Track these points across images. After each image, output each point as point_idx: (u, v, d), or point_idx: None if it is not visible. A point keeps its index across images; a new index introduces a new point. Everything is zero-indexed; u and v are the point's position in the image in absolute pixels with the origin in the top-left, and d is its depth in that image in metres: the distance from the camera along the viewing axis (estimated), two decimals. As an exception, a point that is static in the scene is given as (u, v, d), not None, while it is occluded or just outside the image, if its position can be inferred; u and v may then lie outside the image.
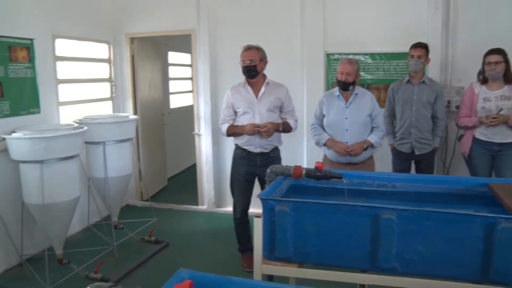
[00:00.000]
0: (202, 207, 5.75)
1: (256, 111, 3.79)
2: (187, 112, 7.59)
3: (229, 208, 5.45)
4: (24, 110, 4.31)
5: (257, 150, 3.83)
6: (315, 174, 2.44)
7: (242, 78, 3.94)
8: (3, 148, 3.79)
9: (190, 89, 8.63)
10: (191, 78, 8.58)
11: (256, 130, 3.68)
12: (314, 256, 2.09)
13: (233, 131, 3.87)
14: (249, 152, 3.86)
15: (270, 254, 2.11)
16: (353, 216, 2.00)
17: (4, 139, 3.80)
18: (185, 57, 8.31)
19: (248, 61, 3.72)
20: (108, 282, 3.74)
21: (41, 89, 4.51)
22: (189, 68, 8.56)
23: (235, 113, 3.90)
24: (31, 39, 4.37)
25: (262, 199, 2.07)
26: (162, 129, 6.81)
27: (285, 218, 2.02)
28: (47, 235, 4.04)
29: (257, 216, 2.12)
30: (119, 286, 1.13)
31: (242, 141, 3.86)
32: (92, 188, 4.72)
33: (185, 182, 7.19)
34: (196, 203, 5.82)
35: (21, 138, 3.68)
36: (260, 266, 2.14)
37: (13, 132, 3.83)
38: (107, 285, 1.14)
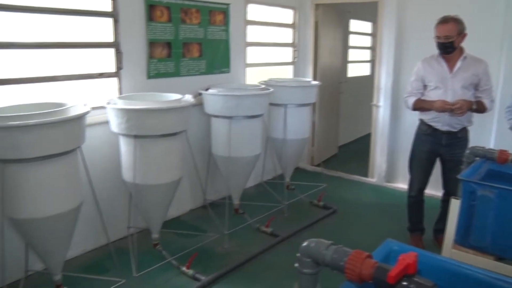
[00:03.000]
0: (372, 180, 5.66)
1: (448, 87, 3.49)
2: (364, 82, 7.47)
3: (399, 184, 5.31)
4: (217, 69, 4.70)
5: (444, 128, 3.57)
6: (526, 161, 2.19)
7: (430, 50, 3.64)
8: (199, 102, 4.18)
9: (368, 58, 8.45)
10: (370, 48, 8.40)
11: (447, 108, 3.40)
12: (517, 251, 1.89)
13: (420, 106, 3.64)
14: (435, 129, 3.61)
15: (463, 240, 1.97)
16: None
17: (200, 94, 4.19)
18: (365, 26, 8.09)
19: (444, 38, 3.38)
20: (277, 238, 3.99)
21: (232, 50, 4.85)
22: (368, 37, 8.36)
23: (425, 87, 3.65)
24: (227, 4, 4.69)
25: (462, 181, 1.92)
26: (338, 97, 6.81)
27: (488, 204, 1.85)
28: (227, 185, 4.40)
29: (455, 198, 1.98)
30: (339, 245, 1.17)
31: (429, 117, 3.62)
32: (270, 148, 4.95)
33: (355, 152, 7.16)
34: (365, 174, 5.75)
35: (216, 94, 4.01)
36: (450, 250, 2.01)
37: (208, 88, 4.19)
38: (327, 243, 1.18)
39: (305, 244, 1.23)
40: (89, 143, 3.14)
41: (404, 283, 1.04)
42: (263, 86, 4.41)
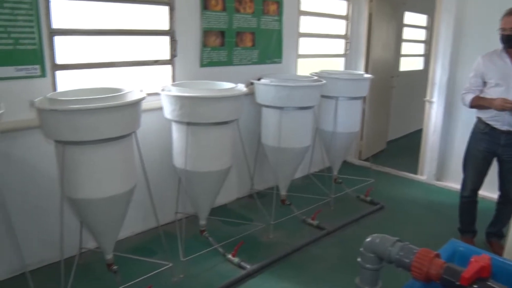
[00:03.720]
0: (421, 177, 5.50)
1: (511, 85, 3.32)
2: (416, 77, 7.27)
3: (450, 184, 5.16)
4: (269, 59, 4.70)
5: (504, 128, 3.40)
6: None
7: (491, 45, 3.48)
8: (251, 91, 4.17)
9: (421, 52, 8.21)
10: (423, 41, 8.14)
11: (508, 106, 3.22)
12: None
13: (478, 103, 3.48)
14: (493, 128, 3.45)
15: (528, 244, 1.88)
16: None
17: (252, 83, 4.19)
18: (421, 18, 7.84)
19: (510, 30, 3.23)
20: (323, 230, 3.97)
21: (285, 41, 4.82)
22: (422, 30, 8.11)
23: (484, 84, 3.50)
24: (281, -6, 4.66)
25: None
26: (390, 92, 6.65)
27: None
28: (275, 175, 4.39)
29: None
30: (405, 242, 1.14)
31: (488, 115, 3.47)
32: (318, 140, 4.91)
33: (404, 148, 7.01)
34: (414, 171, 5.59)
35: (268, 84, 3.99)
36: (512, 254, 1.93)
37: (260, 78, 4.18)
38: (393, 239, 1.15)
39: (369, 239, 1.21)
40: (142, 128, 3.19)
41: (476, 286, 1.00)
42: (315, 77, 4.36)
